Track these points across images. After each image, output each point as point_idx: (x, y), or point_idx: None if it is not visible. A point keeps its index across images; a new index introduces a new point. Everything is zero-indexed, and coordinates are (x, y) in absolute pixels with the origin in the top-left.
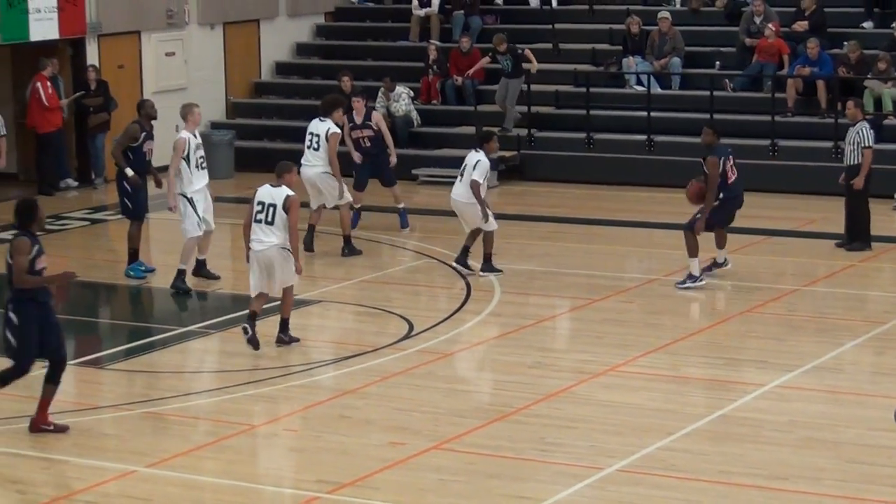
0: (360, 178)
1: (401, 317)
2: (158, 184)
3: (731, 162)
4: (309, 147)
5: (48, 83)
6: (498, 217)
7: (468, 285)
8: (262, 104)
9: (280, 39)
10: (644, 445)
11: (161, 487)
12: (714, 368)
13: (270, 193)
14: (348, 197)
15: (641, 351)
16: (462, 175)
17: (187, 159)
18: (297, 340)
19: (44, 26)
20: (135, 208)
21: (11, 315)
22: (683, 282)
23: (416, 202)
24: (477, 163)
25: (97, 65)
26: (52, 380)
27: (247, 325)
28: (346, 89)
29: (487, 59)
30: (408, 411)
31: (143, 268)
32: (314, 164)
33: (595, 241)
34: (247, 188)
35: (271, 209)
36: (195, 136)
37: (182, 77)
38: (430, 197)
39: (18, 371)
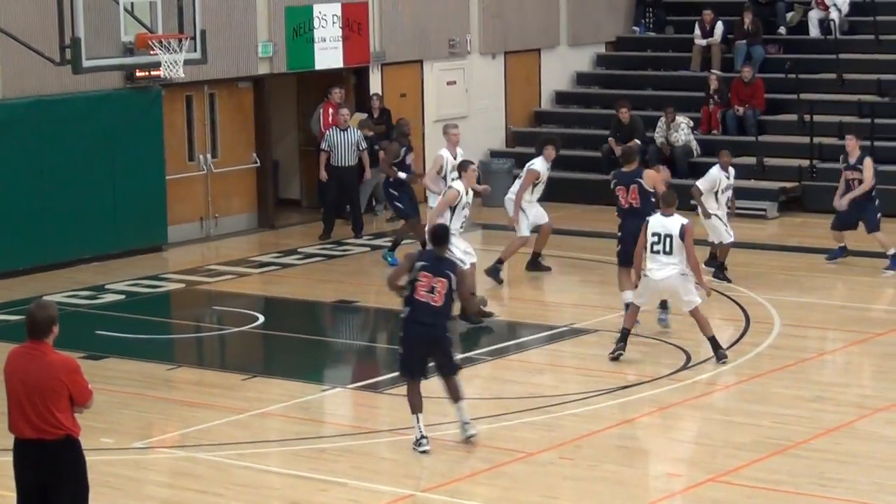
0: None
1: (677, 347)
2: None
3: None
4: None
5: (337, 111)
6: (777, 249)
7: (747, 317)
8: (542, 133)
9: (560, 68)
10: None
11: None
12: None
13: (663, 224)
14: None
15: None
16: None
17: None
18: (725, 358)
19: (328, 55)
20: (406, 208)
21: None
22: None
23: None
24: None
25: (380, 93)
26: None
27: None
28: (623, 120)
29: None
30: (685, 442)
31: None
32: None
33: (878, 274)
34: None
35: (668, 239)
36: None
37: (463, 106)
38: None
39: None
